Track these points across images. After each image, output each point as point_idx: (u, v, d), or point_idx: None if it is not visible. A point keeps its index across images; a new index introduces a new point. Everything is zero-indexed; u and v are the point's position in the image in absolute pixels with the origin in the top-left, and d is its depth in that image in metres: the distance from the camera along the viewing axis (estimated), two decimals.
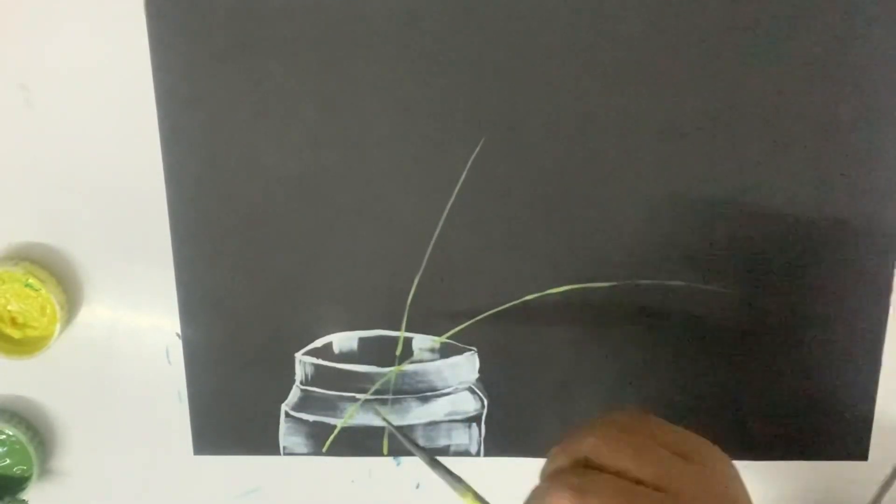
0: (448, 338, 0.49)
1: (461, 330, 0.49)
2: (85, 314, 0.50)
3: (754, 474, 0.50)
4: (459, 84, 0.46)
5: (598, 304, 0.48)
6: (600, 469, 0.35)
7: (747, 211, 0.47)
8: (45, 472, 0.52)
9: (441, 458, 0.42)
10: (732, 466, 0.37)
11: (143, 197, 0.47)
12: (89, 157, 0.47)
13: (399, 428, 0.49)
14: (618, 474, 0.34)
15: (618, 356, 0.49)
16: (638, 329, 0.49)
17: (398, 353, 0.49)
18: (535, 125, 0.46)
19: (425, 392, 0.50)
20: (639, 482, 0.34)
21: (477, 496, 0.39)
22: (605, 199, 0.47)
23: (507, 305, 0.49)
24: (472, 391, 0.50)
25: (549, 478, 0.36)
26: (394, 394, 0.50)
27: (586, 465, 0.35)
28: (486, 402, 0.50)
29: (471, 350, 0.49)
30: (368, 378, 0.50)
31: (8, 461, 0.51)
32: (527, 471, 0.39)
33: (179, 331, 0.50)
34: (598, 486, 0.34)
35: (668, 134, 0.46)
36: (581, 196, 0.47)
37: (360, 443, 0.51)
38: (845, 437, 0.50)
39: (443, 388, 0.50)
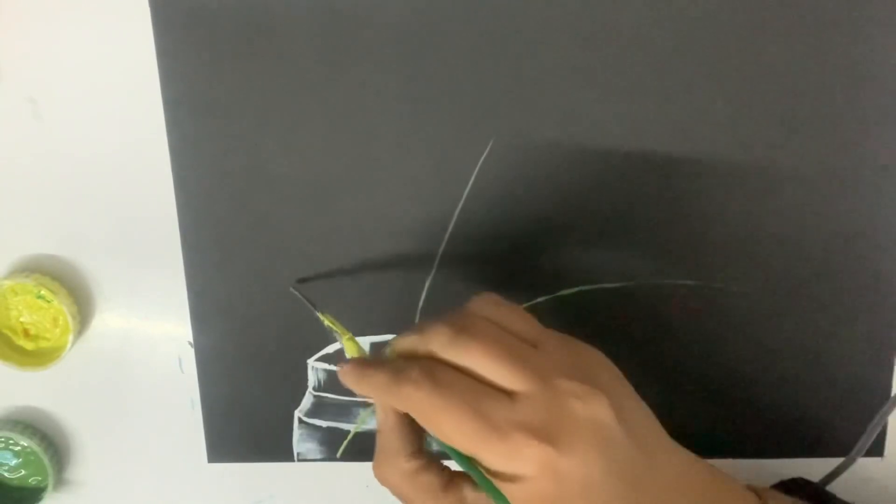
0: None
1: None
2: (97, 324, 0.50)
3: (770, 472, 0.50)
4: (467, 87, 0.46)
5: (608, 305, 0.48)
6: (451, 362, 0.35)
7: (758, 210, 0.47)
8: (60, 482, 0.52)
9: None
10: (606, 359, 0.38)
11: (153, 206, 0.48)
12: (98, 167, 0.47)
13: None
14: (465, 369, 0.35)
15: (629, 356, 0.49)
16: (648, 329, 0.49)
17: None
18: (544, 126, 0.46)
19: None
20: (486, 380, 0.35)
21: (353, 339, 0.41)
22: (614, 198, 0.47)
23: None
24: None
25: (434, 315, 0.37)
26: None
27: (434, 358, 0.36)
28: None
29: None
30: None
31: (23, 472, 0.51)
32: None
33: (191, 339, 0.50)
34: (477, 327, 0.35)
35: (677, 134, 0.46)
36: (590, 197, 0.47)
37: (374, 447, 0.51)
38: (859, 434, 0.50)
39: None
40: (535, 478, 0.34)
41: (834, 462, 0.49)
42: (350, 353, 0.42)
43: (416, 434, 0.38)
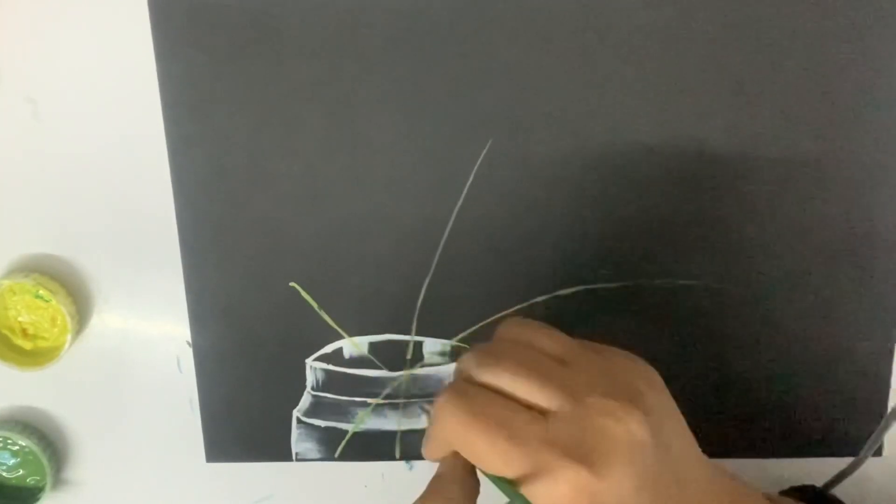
0: (458, 341, 0.49)
1: (471, 333, 0.49)
2: (95, 324, 0.50)
3: (769, 472, 0.50)
4: (465, 86, 0.46)
5: (607, 305, 0.48)
6: (482, 385, 0.35)
7: (758, 210, 0.47)
8: (58, 482, 0.52)
9: None
10: (646, 370, 0.37)
11: (152, 206, 0.48)
12: (97, 167, 0.47)
13: (413, 432, 0.50)
14: (496, 390, 0.35)
15: None
16: (648, 329, 0.49)
17: (409, 357, 0.49)
18: (542, 126, 0.46)
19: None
20: (541, 352, 0.35)
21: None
22: (613, 198, 0.47)
23: (516, 308, 0.48)
24: None
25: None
26: (405, 398, 0.50)
27: (500, 339, 0.36)
28: None
29: None
30: (379, 383, 0.50)
31: (21, 472, 0.51)
32: None
33: (190, 339, 0.50)
34: (502, 347, 0.36)
35: (676, 133, 0.46)
36: (589, 196, 0.47)
37: (372, 447, 0.51)
38: (859, 434, 0.50)
39: None
40: (569, 498, 0.33)
41: (834, 462, 0.49)
42: None
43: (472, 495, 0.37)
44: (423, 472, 0.52)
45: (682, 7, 0.44)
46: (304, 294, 0.48)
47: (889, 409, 0.48)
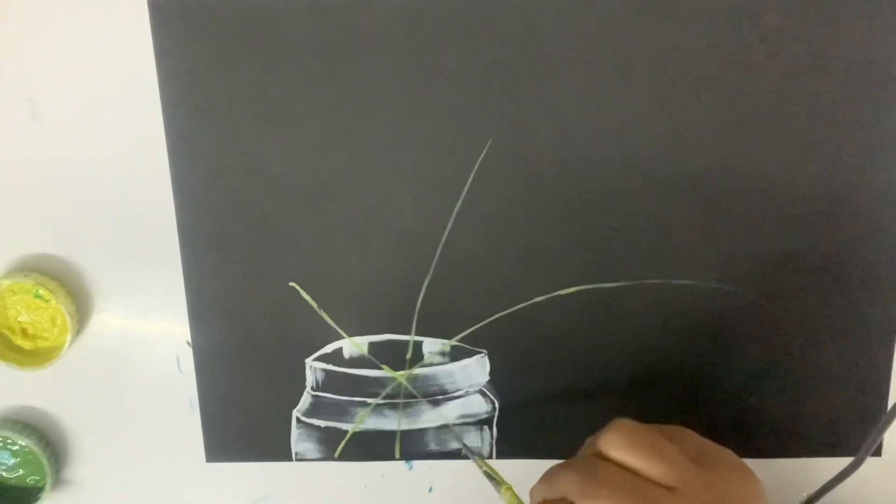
0: (458, 341, 0.49)
1: (471, 333, 0.49)
2: (95, 324, 0.50)
3: (769, 472, 0.50)
4: (465, 87, 0.46)
5: (607, 305, 0.48)
6: (614, 462, 0.36)
7: (757, 210, 0.47)
8: (58, 482, 0.52)
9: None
10: (751, 483, 0.37)
11: (151, 206, 0.48)
12: (97, 167, 0.47)
13: (413, 432, 0.50)
14: (629, 469, 0.35)
15: (628, 356, 0.49)
16: (647, 328, 0.49)
17: (408, 357, 0.49)
18: (541, 126, 0.46)
19: (436, 395, 0.50)
20: (647, 479, 0.35)
21: (511, 489, 0.43)
22: (612, 198, 0.47)
23: (516, 308, 0.49)
24: (483, 394, 0.50)
25: (565, 462, 0.37)
26: (405, 398, 0.50)
27: (603, 457, 0.36)
28: (497, 405, 0.50)
29: (481, 353, 0.49)
30: (379, 383, 0.50)
31: (21, 472, 0.51)
32: (539, 473, 0.39)
33: (190, 339, 0.50)
34: (606, 474, 0.35)
35: (674, 133, 0.46)
36: (588, 196, 0.47)
37: (371, 447, 0.51)
38: (859, 434, 0.50)
39: (454, 392, 0.50)
40: None
41: (834, 462, 0.49)
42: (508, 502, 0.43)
43: None
44: (422, 472, 0.52)
45: (683, 13, 0.44)
46: (303, 294, 0.48)
47: (888, 409, 0.48)
